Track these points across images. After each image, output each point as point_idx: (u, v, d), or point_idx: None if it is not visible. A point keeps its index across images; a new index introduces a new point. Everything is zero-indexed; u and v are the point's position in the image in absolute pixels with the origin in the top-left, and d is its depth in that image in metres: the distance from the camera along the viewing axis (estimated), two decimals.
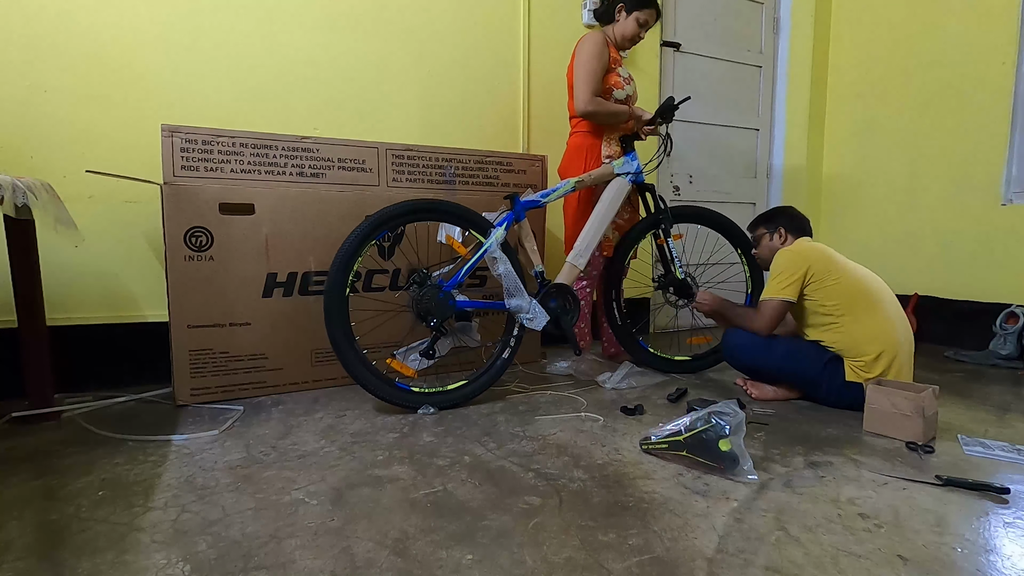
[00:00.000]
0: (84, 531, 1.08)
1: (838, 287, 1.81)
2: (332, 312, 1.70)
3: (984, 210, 2.74)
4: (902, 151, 3.06)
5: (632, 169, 2.15)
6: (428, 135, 2.49)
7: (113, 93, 1.98)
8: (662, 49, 3.05)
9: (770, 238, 2.03)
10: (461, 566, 0.98)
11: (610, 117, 2.18)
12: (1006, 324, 2.57)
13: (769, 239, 2.04)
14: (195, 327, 1.82)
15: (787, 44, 3.43)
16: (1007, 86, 2.65)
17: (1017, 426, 1.74)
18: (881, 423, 1.63)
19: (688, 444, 1.38)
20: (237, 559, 0.99)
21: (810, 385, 1.89)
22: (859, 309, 1.79)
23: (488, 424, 1.69)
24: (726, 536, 1.08)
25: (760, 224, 2.08)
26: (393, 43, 2.41)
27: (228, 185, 1.88)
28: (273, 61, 2.20)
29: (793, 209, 2.09)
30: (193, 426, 1.64)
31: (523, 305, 1.86)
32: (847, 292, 1.80)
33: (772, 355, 1.91)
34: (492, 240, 1.86)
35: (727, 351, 2.04)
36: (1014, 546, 1.06)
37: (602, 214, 2.10)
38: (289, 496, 1.22)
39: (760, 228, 2.07)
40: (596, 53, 2.12)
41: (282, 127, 2.16)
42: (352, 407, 1.82)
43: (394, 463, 1.40)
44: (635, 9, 2.18)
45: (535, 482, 1.31)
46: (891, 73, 3.10)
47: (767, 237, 2.04)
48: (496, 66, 2.63)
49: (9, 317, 1.71)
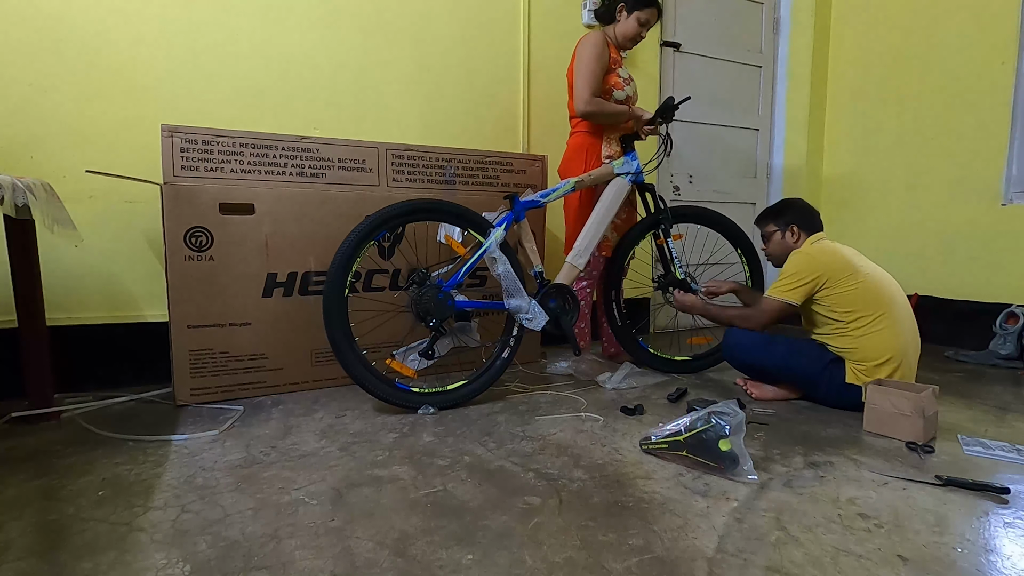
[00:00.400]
0: (84, 531, 1.08)
1: (850, 295, 1.78)
2: (332, 312, 1.70)
3: (984, 210, 2.73)
4: (902, 151, 3.06)
5: (632, 169, 2.14)
6: (428, 135, 2.49)
7: (113, 93, 1.98)
8: (662, 49, 3.05)
9: (781, 235, 1.98)
10: (461, 566, 0.98)
11: (610, 118, 2.18)
12: (1006, 324, 2.57)
13: (781, 236, 1.98)
14: (195, 327, 1.82)
15: (787, 44, 3.43)
16: (1007, 86, 2.65)
17: (1017, 426, 1.74)
18: (881, 423, 1.63)
19: (688, 444, 1.39)
20: (237, 559, 0.99)
21: (809, 385, 1.89)
22: (869, 318, 1.76)
23: (488, 424, 1.69)
24: (726, 536, 1.08)
25: (769, 220, 2.02)
26: (393, 43, 2.41)
27: (228, 185, 1.88)
28: (273, 61, 2.20)
29: (802, 202, 2.05)
30: (193, 426, 1.64)
31: (523, 305, 1.86)
32: (859, 301, 1.77)
33: (772, 354, 1.91)
34: (492, 240, 1.86)
35: (727, 350, 2.04)
36: (1014, 546, 1.06)
37: (602, 214, 2.10)
38: (289, 496, 1.22)
39: (770, 224, 2.02)
40: (596, 54, 2.12)
41: (282, 127, 2.16)
42: (352, 407, 1.82)
43: (394, 463, 1.40)
44: (636, 9, 2.16)
45: (535, 482, 1.31)
46: (891, 73, 3.10)
47: (778, 235, 1.99)
48: (496, 66, 2.63)
49: (9, 317, 1.71)
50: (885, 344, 1.74)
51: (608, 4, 2.25)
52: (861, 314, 1.76)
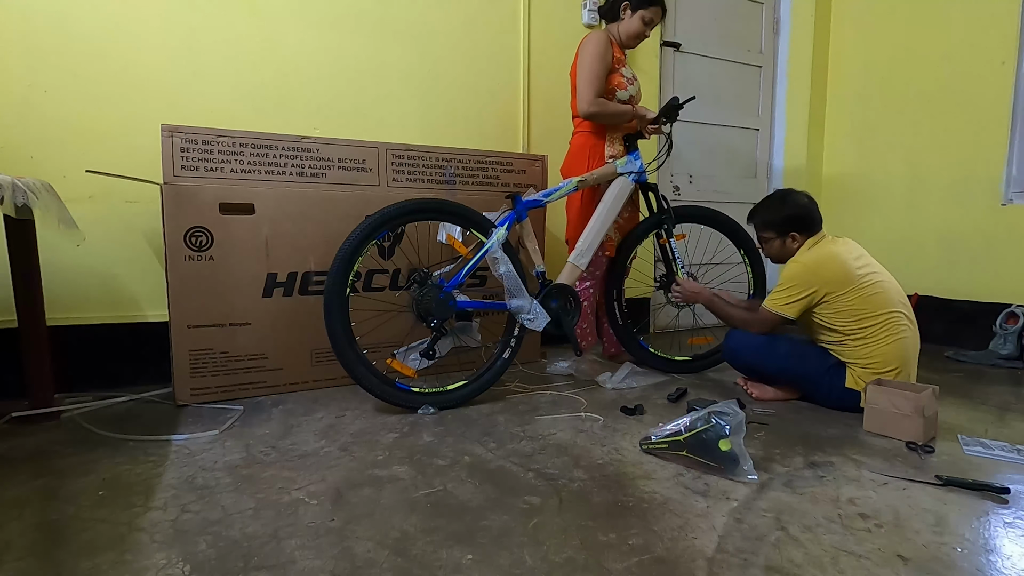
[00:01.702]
0: (84, 531, 1.08)
1: (849, 307, 1.75)
2: (332, 312, 1.69)
3: (984, 210, 2.73)
4: (902, 151, 3.06)
5: (635, 168, 2.14)
6: (428, 135, 2.49)
7: (113, 93, 1.98)
8: (662, 49, 3.05)
9: (781, 243, 1.92)
10: (461, 566, 0.98)
11: (613, 118, 2.17)
12: (1006, 324, 2.57)
13: (781, 244, 1.93)
14: (195, 327, 1.82)
15: (787, 44, 3.43)
16: (1007, 86, 2.64)
17: (1017, 426, 1.74)
18: (881, 423, 1.63)
19: (688, 444, 1.38)
20: (237, 559, 0.99)
21: (810, 388, 1.88)
22: (869, 328, 1.74)
23: (488, 424, 1.69)
24: (726, 536, 1.08)
25: (768, 228, 1.95)
26: (393, 43, 2.41)
27: (228, 185, 1.88)
28: (273, 61, 2.20)
29: (799, 199, 1.92)
30: (193, 426, 1.64)
31: (524, 305, 1.86)
32: (858, 312, 1.74)
33: (774, 357, 1.90)
34: (493, 240, 1.86)
35: (728, 352, 2.03)
36: (1014, 546, 1.06)
37: (604, 214, 2.09)
38: (289, 496, 1.22)
39: (767, 231, 1.95)
40: (599, 54, 2.10)
41: (282, 127, 2.15)
42: (352, 407, 1.82)
43: (394, 463, 1.40)
44: (641, 7, 2.14)
45: (535, 482, 1.31)
46: (891, 73, 3.10)
47: (778, 242, 1.93)
48: (496, 66, 2.63)
49: (9, 317, 1.71)
50: (886, 354, 1.73)
51: (612, 2, 2.21)
52: (861, 324, 1.75)
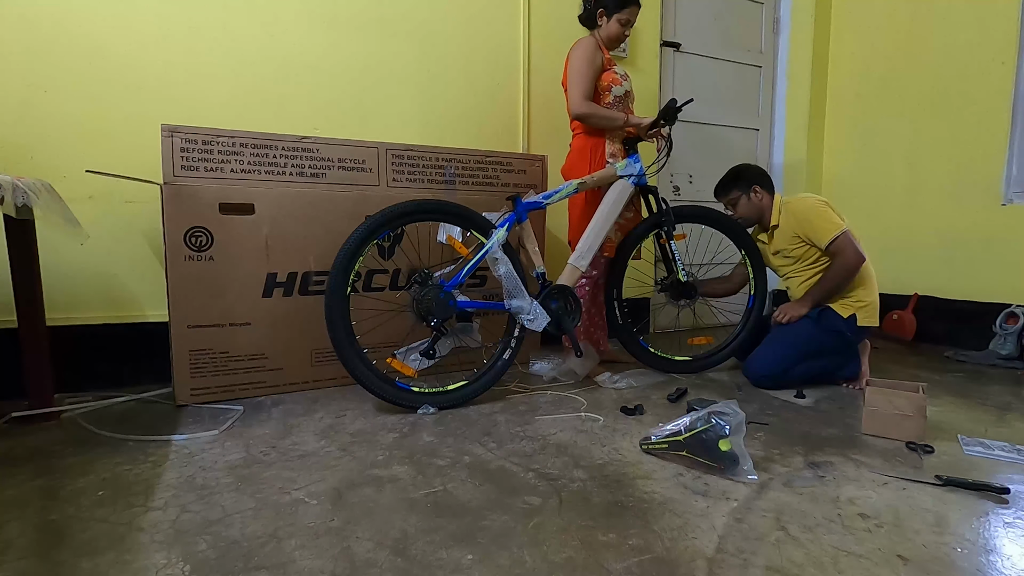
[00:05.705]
0: (84, 531, 1.08)
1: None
2: (333, 312, 1.69)
3: (984, 210, 2.73)
4: (902, 151, 3.06)
5: (635, 171, 2.14)
6: (428, 135, 2.49)
7: (113, 93, 1.98)
8: (662, 49, 3.05)
9: (748, 199, 2.20)
10: (461, 566, 0.98)
11: (605, 120, 2.17)
12: (1006, 324, 2.57)
13: (747, 199, 2.20)
14: (195, 327, 1.82)
15: (787, 44, 3.43)
16: (1007, 86, 2.65)
17: (1017, 426, 1.74)
18: (880, 424, 1.62)
19: (688, 444, 1.39)
20: (237, 559, 0.99)
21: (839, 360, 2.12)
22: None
23: (488, 424, 1.69)
24: (726, 536, 1.08)
25: (731, 188, 2.24)
26: (393, 43, 2.41)
27: (228, 185, 1.88)
28: (273, 61, 2.21)
29: (753, 166, 2.29)
30: (193, 426, 1.64)
31: (524, 306, 1.86)
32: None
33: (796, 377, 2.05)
34: (494, 241, 1.86)
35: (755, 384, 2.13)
36: (1014, 546, 1.06)
37: (604, 217, 2.09)
38: (289, 496, 1.22)
39: (732, 192, 2.23)
40: (587, 57, 2.14)
41: (282, 127, 2.15)
42: (352, 407, 1.82)
43: (394, 463, 1.40)
44: (615, 12, 2.19)
45: (535, 482, 1.31)
46: (891, 73, 3.10)
47: (744, 199, 2.21)
48: (496, 66, 2.63)
49: (9, 317, 1.71)
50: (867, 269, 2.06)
51: (589, 10, 2.28)
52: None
